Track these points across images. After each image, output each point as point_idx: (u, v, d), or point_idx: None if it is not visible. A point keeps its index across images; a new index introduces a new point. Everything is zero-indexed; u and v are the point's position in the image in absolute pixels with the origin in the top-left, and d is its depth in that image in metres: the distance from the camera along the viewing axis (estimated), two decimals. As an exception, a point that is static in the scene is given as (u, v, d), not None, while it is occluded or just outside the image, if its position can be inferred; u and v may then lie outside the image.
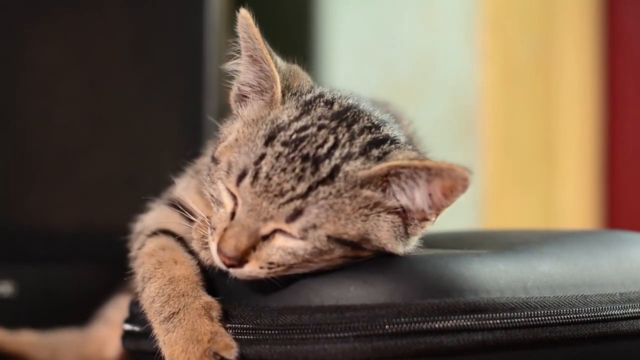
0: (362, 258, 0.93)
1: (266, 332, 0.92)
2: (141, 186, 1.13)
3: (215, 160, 0.97)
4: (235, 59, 1.01)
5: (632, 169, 2.53)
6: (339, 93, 1.01)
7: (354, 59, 2.45)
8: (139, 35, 1.71)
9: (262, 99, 0.99)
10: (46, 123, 1.69)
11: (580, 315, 0.95)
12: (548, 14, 2.41)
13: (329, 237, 0.90)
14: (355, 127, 0.95)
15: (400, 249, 0.94)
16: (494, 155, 2.34)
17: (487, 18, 2.33)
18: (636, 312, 0.99)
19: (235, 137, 0.96)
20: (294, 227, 0.90)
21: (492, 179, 2.34)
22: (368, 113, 0.98)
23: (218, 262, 0.92)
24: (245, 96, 1.01)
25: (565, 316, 0.94)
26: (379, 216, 0.92)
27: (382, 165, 0.91)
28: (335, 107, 0.97)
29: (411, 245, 0.96)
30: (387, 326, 0.89)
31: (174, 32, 1.73)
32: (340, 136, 0.93)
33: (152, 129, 1.69)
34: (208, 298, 0.95)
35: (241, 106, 1.00)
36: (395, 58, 2.40)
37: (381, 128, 0.97)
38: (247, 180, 0.91)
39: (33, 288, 1.64)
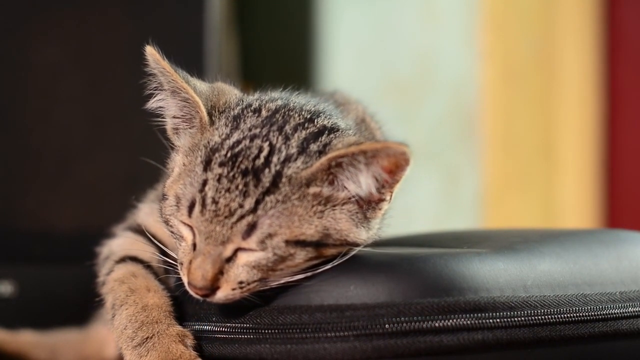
0: (328, 257, 0.92)
1: (266, 331, 0.92)
2: (141, 186, 1.13)
3: (164, 196, 0.97)
4: (155, 96, 1.00)
5: (632, 168, 2.53)
6: (267, 97, 1.01)
7: (354, 59, 2.45)
8: (139, 35, 1.71)
9: (193, 126, 0.98)
10: (46, 123, 1.69)
11: (580, 314, 0.95)
12: (548, 13, 2.41)
13: (287, 242, 0.90)
14: (287, 128, 0.94)
15: (363, 235, 0.94)
16: (494, 154, 2.34)
17: (488, 17, 2.33)
18: (636, 311, 0.99)
19: (178, 170, 0.97)
20: (252, 242, 0.90)
21: (492, 179, 2.34)
22: (299, 109, 0.98)
23: (193, 294, 0.92)
24: (179, 128, 1.00)
25: (565, 315, 0.94)
26: (334, 209, 0.92)
27: (322, 160, 0.91)
28: (264, 112, 0.96)
29: (374, 229, 0.96)
30: (387, 325, 0.89)
31: (174, 32, 1.73)
32: (275, 141, 0.93)
33: (152, 129, 1.69)
34: (181, 328, 0.96)
35: (178, 138, 1.00)
36: (396, 58, 2.40)
37: (315, 120, 0.96)
38: (197, 209, 0.91)
39: (33, 288, 1.64)
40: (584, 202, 2.47)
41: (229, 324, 0.94)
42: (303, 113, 0.97)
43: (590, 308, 0.96)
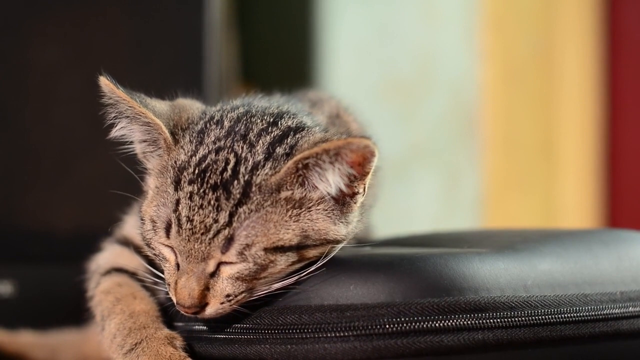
0: (311, 259, 0.92)
1: (266, 331, 0.92)
2: (140, 186, 1.13)
3: (141, 220, 0.96)
4: (117, 124, 0.99)
5: (632, 168, 2.53)
6: (229, 106, 1.00)
7: (354, 58, 2.45)
8: (139, 34, 1.71)
9: (159, 148, 0.98)
10: (46, 123, 1.69)
11: (581, 314, 0.95)
12: (548, 13, 2.41)
13: (266, 250, 0.90)
14: (251, 135, 0.94)
15: (342, 231, 0.93)
16: (494, 154, 2.34)
17: (488, 17, 2.33)
18: (637, 311, 0.99)
19: (151, 192, 0.97)
20: (231, 255, 0.90)
21: (492, 179, 2.34)
22: (261, 113, 0.97)
23: (184, 313, 0.93)
24: (146, 152, 1.00)
25: (566, 315, 0.94)
26: (309, 210, 0.92)
27: (288, 164, 0.90)
28: (226, 123, 0.96)
29: (354, 223, 0.95)
30: (387, 325, 0.89)
31: (174, 32, 1.73)
32: (240, 150, 0.92)
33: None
34: (169, 331, 0.96)
35: (148, 161, 1.00)
36: (396, 57, 2.40)
37: (279, 123, 0.95)
38: (174, 229, 0.91)
39: (33, 288, 1.64)
40: (584, 202, 2.47)
41: (228, 325, 0.94)
42: (265, 117, 0.96)
43: (591, 308, 0.96)
